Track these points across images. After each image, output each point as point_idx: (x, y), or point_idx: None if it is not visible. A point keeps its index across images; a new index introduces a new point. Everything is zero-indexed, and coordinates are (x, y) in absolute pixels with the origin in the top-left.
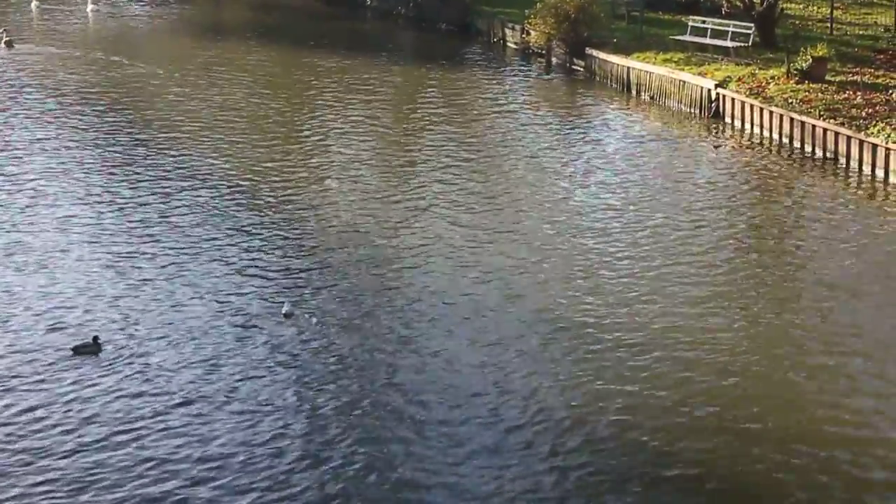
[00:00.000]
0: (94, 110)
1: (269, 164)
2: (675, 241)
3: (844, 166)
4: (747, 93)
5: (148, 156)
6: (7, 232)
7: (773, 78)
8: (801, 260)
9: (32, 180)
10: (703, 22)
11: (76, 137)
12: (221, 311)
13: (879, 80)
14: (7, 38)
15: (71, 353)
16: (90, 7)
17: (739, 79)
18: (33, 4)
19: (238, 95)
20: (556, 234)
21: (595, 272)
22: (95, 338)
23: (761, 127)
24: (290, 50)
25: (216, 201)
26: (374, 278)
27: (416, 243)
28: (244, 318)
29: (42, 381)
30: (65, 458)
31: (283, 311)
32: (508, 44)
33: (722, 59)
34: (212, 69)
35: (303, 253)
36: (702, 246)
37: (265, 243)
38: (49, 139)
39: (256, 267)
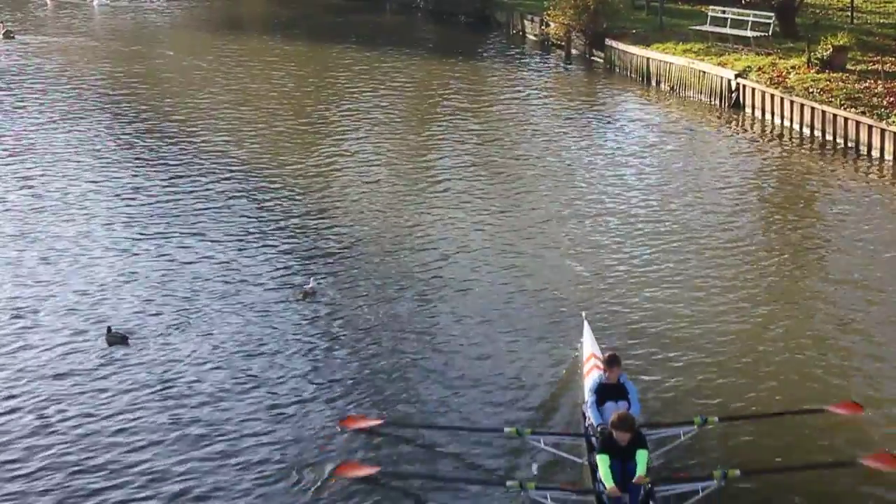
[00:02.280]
0: (100, 104)
1: (290, 157)
2: (697, 230)
3: (865, 155)
4: (768, 82)
5: (168, 147)
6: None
7: (793, 67)
8: (822, 249)
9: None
10: (723, 12)
11: (93, 130)
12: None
13: None
14: (6, 30)
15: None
16: (96, 1)
17: (760, 68)
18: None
19: (257, 89)
20: (578, 222)
21: (616, 259)
22: (109, 328)
23: (782, 116)
24: (310, 43)
25: (239, 193)
26: (397, 268)
27: (438, 232)
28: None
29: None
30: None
31: (305, 288)
32: (528, 35)
33: (742, 49)
34: (230, 63)
35: (327, 241)
36: (724, 235)
37: (288, 233)
38: (61, 131)
39: (278, 253)
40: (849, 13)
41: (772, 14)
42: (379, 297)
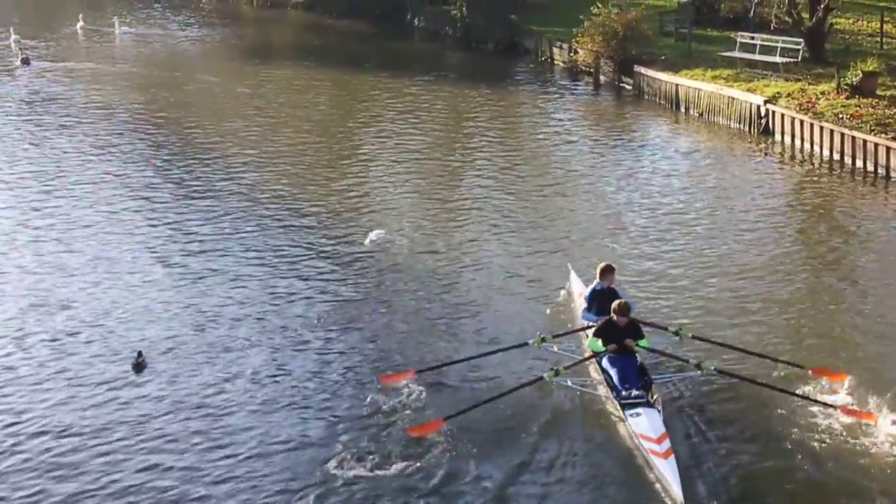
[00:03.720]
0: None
1: (320, 183)
2: (728, 256)
3: None
4: (797, 108)
5: (196, 172)
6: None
7: (823, 93)
8: (852, 274)
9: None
10: (752, 38)
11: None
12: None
13: None
14: (23, 56)
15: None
16: (122, 30)
17: (789, 94)
18: (78, 26)
19: (286, 116)
20: (610, 249)
21: (647, 282)
22: (139, 353)
23: (811, 142)
24: (339, 71)
25: (268, 218)
26: (427, 295)
27: (467, 256)
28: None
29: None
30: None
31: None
32: (556, 62)
33: (771, 75)
34: (258, 90)
35: (353, 269)
36: (754, 259)
37: (316, 260)
38: (75, 155)
39: (306, 279)
40: (878, 39)
41: (801, 40)
42: (410, 327)
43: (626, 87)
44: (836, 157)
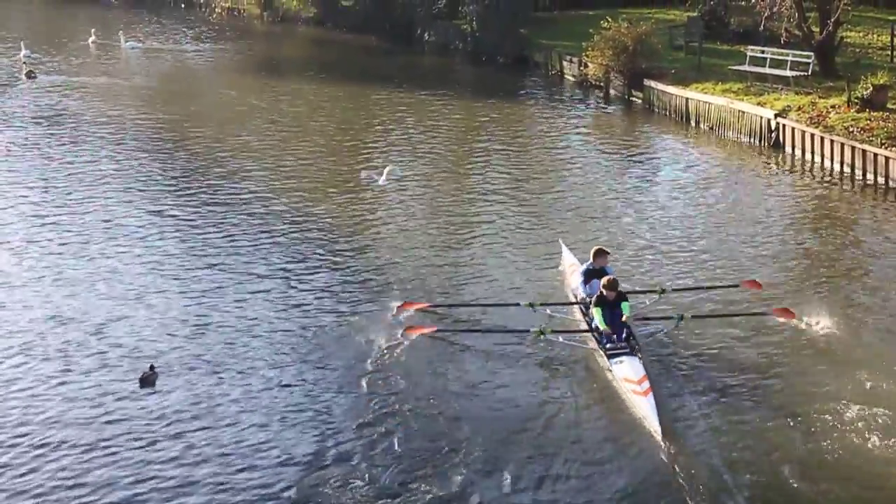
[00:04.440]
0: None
1: (330, 196)
2: (737, 269)
3: None
4: (807, 122)
5: (206, 184)
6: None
7: (833, 107)
8: (863, 289)
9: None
10: (762, 52)
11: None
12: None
13: None
14: (28, 70)
15: (139, 385)
16: (129, 44)
17: (799, 108)
18: (90, 40)
19: (296, 131)
20: (619, 259)
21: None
22: (152, 366)
23: (822, 156)
24: (348, 85)
25: (278, 231)
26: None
27: (476, 270)
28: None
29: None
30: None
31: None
32: (566, 76)
33: (781, 89)
34: (269, 104)
35: (364, 283)
36: (765, 272)
37: (328, 276)
38: (77, 168)
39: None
40: (889, 52)
41: (811, 53)
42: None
43: (637, 100)
44: (847, 170)
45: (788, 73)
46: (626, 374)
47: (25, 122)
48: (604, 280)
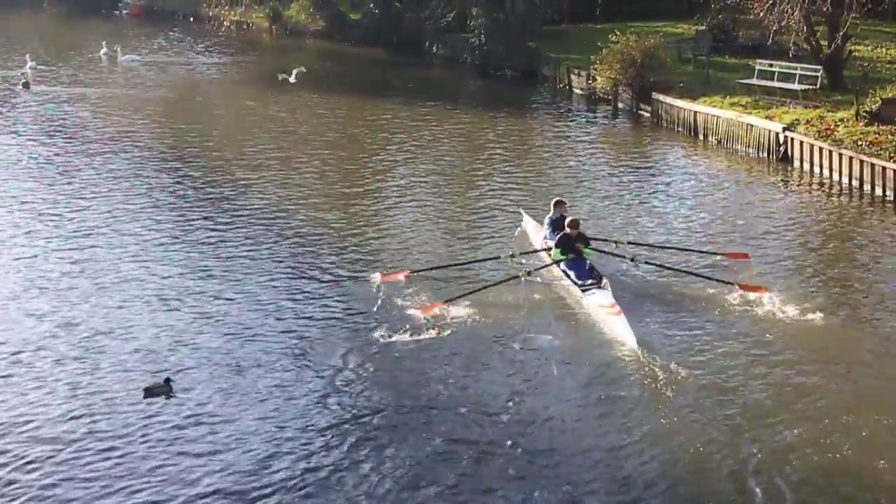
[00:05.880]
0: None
1: (336, 210)
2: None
3: None
4: (816, 135)
5: (213, 195)
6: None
7: (841, 120)
8: (872, 303)
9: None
10: (770, 65)
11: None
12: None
13: None
14: (24, 80)
15: (143, 394)
16: (127, 57)
17: (808, 121)
18: (102, 52)
19: (304, 144)
20: (627, 276)
21: (664, 314)
22: (167, 379)
23: (830, 169)
24: (357, 98)
25: (283, 246)
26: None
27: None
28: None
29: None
30: None
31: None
32: (574, 89)
33: (790, 102)
34: (276, 117)
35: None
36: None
37: (332, 292)
38: (71, 175)
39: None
40: None
41: (819, 67)
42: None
43: (645, 114)
44: (856, 184)
45: (797, 86)
46: (599, 301)
47: (17, 131)
48: (568, 219)
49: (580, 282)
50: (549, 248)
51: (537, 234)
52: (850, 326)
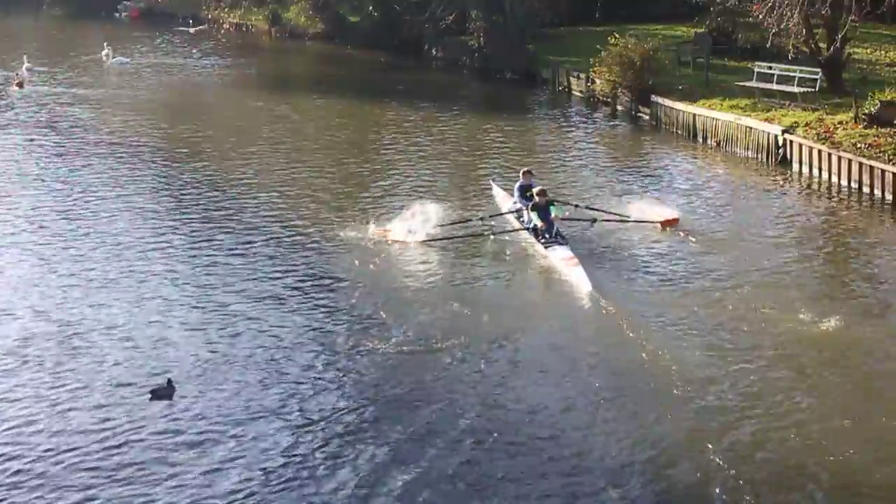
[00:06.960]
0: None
1: (337, 211)
2: (745, 288)
3: None
4: (815, 138)
5: (213, 198)
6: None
7: (841, 123)
8: (872, 307)
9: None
10: (770, 67)
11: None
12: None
13: None
14: (19, 80)
15: (149, 397)
16: (116, 59)
17: (807, 124)
18: (103, 53)
19: (304, 147)
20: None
21: (662, 321)
22: (169, 381)
23: (829, 172)
24: (356, 101)
25: (282, 247)
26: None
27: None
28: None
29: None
30: None
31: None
32: (573, 92)
33: (789, 105)
34: (277, 120)
35: (371, 304)
36: (771, 291)
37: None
38: (63, 175)
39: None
40: None
41: (818, 70)
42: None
43: (644, 116)
44: (855, 186)
45: (796, 89)
46: (560, 255)
47: (13, 130)
48: (536, 189)
49: (544, 238)
50: (518, 210)
51: (506, 198)
52: (850, 326)
